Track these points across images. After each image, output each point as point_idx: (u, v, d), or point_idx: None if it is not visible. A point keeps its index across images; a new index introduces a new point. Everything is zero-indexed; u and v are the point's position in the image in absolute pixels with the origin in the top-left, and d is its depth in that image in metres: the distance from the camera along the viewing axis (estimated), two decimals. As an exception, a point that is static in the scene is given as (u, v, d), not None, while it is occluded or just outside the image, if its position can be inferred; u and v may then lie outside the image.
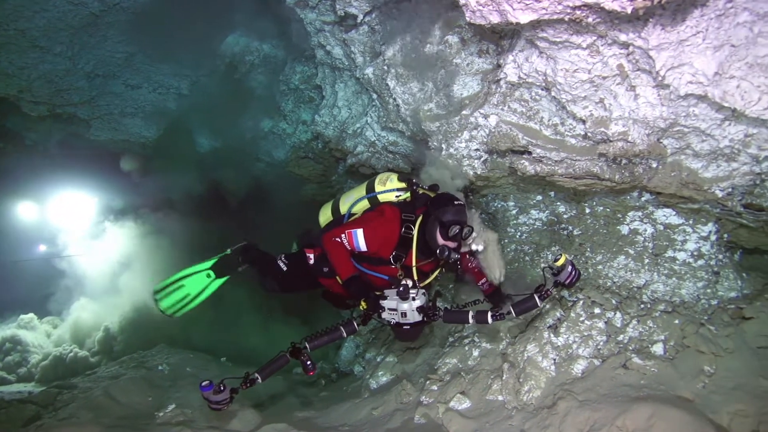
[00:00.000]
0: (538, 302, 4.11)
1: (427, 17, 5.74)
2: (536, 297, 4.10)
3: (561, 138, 4.99)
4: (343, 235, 4.67)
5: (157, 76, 12.40)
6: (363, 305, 4.48)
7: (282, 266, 5.50)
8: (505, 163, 5.60)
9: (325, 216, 5.53)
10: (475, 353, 5.74)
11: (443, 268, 5.11)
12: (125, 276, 14.34)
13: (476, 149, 5.72)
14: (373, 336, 8.91)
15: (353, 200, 5.26)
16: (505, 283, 5.42)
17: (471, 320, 4.24)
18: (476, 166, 5.84)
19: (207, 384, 3.99)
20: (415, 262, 4.74)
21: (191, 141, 13.77)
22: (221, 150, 13.65)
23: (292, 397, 7.48)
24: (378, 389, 6.60)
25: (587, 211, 5.82)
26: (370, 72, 6.71)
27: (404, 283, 4.48)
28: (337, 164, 10.43)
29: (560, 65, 4.26)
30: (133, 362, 8.69)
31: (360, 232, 4.63)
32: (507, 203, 6.67)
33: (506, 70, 4.85)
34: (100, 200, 15.89)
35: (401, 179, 5.11)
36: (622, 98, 4.25)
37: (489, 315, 4.15)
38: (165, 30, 10.53)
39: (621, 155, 4.54)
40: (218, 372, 8.66)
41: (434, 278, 5.04)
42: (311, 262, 5.33)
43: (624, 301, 5.14)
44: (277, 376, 8.43)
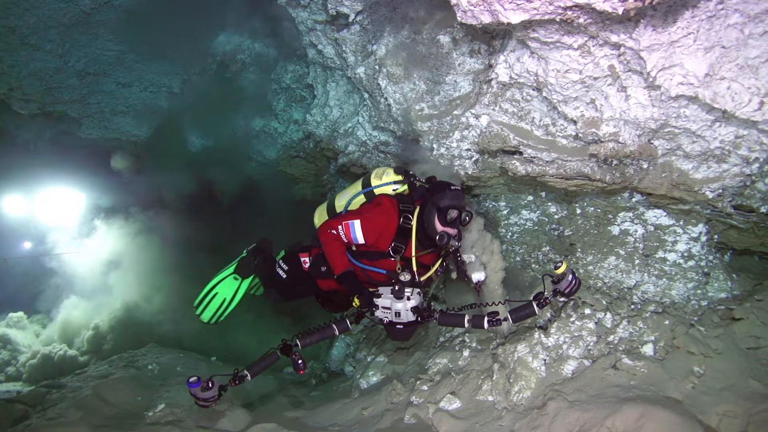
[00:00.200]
0: (537, 310, 4.05)
1: (419, 17, 5.74)
2: (534, 304, 4.04)
3: (552, 138, 4.99)
4: (340, 227, 4.57)
5: (149, 75, 12.34)
6: (356, 302, 4.41)
7: (281, 274, 5.34)
8: (497, 164, 5.60)
9: (321, 217, 5.43)
10: (466, 353, 5.73)
11: (444, 261, 4.96)
12: (115, 275, 14.29)
13: (467, 149, 5.72)
14: (364, 336, 8.90)
15: (349, 197, 5.16)
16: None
17: (467, 324, 4.18)
18: (467, 166, 5.84)
19: (195, 380, 3.89)
20: (415, 253, 4.61)
21: (182, 140, 13.70)
22: (212, 149, 13.59)
23: (282, 397, 7.46)
24: (368, 389, 6.59)
25: (578, 212, 5.82)
26: (362, 71, 6.70)
27: (401, 278, 4.47)
28: (329, 164, 10.41)
29: (551, 66, 4.26)
30: (123, 362, 8.62)
31: (357, 223, 4.53)
32: (498, 203, 6.68)
33: (498, 71, 4.85)
34: (91, 198, 15.81)
35: (398, 172, 5.00)
36: (614, 99, 4.25)
37: (486, 320, 4.10)
38: (156, 28, 10.50)
39: (612, 156, 4.54)
40: (208, 372, 8.61)
41: (435, 272, 4.87)
42: (306, 266, 5.24)
43: (614, 302, 5.14)
44: (268, 376, 8.42)
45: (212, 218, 14.90)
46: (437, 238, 4.43)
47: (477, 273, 5.23)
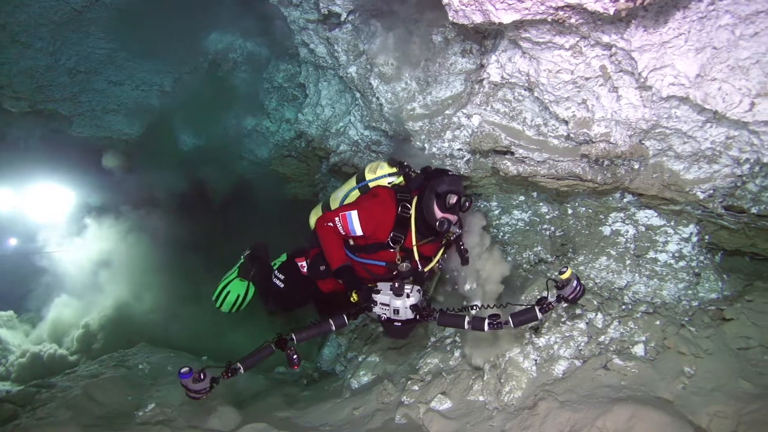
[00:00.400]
0: (539, 315, 3.91)
1: (411, 16, 5.73)
2: (537, 309, 3.90)
3: (543, 138, 4.99)
4: (337, 219, 4.50)
5: (140, 73, 12.31)
6: (354, 297, 4.31)
7: (279, 284, 5.27)
8: (488, 164, 5.60)
9: (316, 218, 5.22)
10: (457, 354, 5.72)
11: (445, 252, 4.89)
12: (106, 274, 14.22)
13: (459, 149, 5.71)
14: (355, 336, 8.88)
15: (344, 193, 5.08)
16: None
17: (467, 326, 4.06)
18: (459, 166, 5.83)
19: (186, 371, 3.79)
20: (415, 242, 4.56)
21: (174, 138, 13.65)
22: (204, 148, 13.54)
23: (273, 397, 7.43)
24: (359, 389, 6.58)
25: (569, 212, 5.83)
26: (354, 71, 6.69)
27: (402, 268, 4.44)
28: (321, 163, 10.38)
29: (543, 66, 4.26)
30: (113, 361, 8.58)
31: (354, 214, 4.46)
32: (490, 203, 6.67)
33: (489, 70, 4.84)
34: (82, 197, 15.74)
35: (392, 164, 4.92)
36: (605, 99, 4.25)
37: (486, 323, 3.98)
38: (148, 26, 10.48)
39: (603, 156, 4.54)
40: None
41: (437, 263, 4.82)
42: (304, 270, 5.19)
43: (605, 302, 5.14)
44: (258, 375, 8.40)
45: (203, 217, 14.86)
46: (437, 225, 4.35)
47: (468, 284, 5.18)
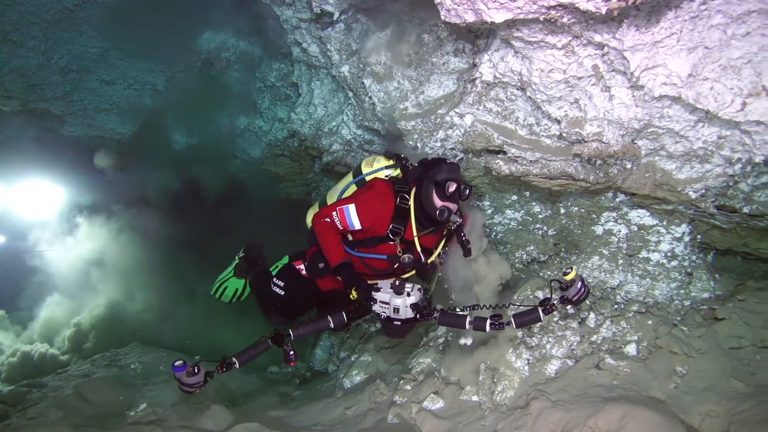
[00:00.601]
0: (542, 316, 3.88)
1: (403, 16, 5.72)
2: (540, 310, 3.88)
3: (536, 138, 4.98)
4: (334, 213, 4.43)
5: (133, 72, 12.27)
6: (353, 294, 4.21)
7: (278, 291, 5.14)
8: (481, 163, 5.59)
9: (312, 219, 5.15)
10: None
11: (447, 244, 4.83)
12: (98, 273, 14.16)
13: (451, 148, 5.71)
14: (348, 335, 8.87)
15: (341, 189, 5.03)
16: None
17: (468, 326, 4.02)
18: (452, 165, 5.82)
19: (180, 364, 3.69)
20: (416, 233, 4.51)
21: (167, 138, 13.62)
22: (197, 147, 13.51)
23: (266, 396, 7.41)
24: (352, 388, 6.56)
25: (562, 212, 5.82)
26: (346, 70, 6.68)
27: (403, 260, 4.41)
28: (313, 162, 10.37)
29: (535, 65, 4.25)
30: (105, 361, 8.55)
31: (352, 207, 4.39)
32: (482, 203, 6.66)
33: (482, 70, 4.83)
34: (74, 196, 15.65)
35: (388, 157, 4.90)
36: (597, 99, 4.25)
37: (488, 323, 3.95)
38: (140, 25, 10.46)
39: (595, 156, 4.54)
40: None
41: (438, 256, 4.76)
42: (304, 272, 5.10)
43: (598, 302, 5.15)
44: (251, 375, 8.38)
45: (196, 216, 14.80)
46: (437, 214, 4.31)
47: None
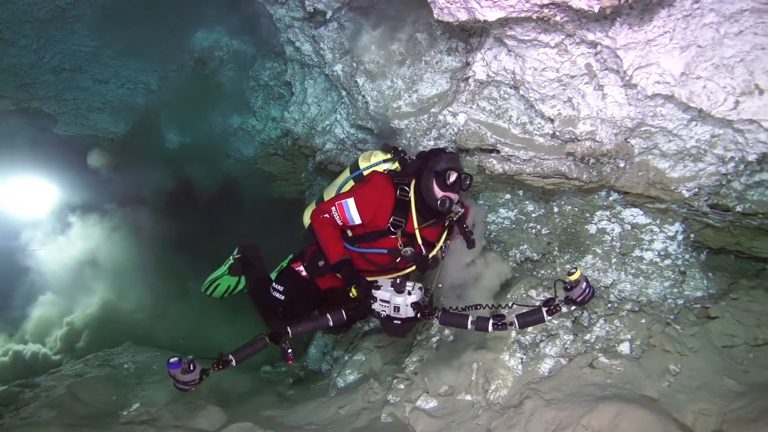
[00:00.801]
0: (546, 317, 3.80)
1: (397, 14, 5.71)
2: (544, 311, 3.80)
3: (529, 137, 4.98)
4: (333, 209, 4.36)
5: (125, 71, 12.24)
6: (353, 292, 4.18)
7: (279, 296, 5.03)
8: (474, 162, 5.58)
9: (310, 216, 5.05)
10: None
11: (449, 237, 4.75)
12: (91, 272, 14.12)
13: (445, 147, 5.69)
14: (342, 334, 8.86)
15: (338, 186, 4.96)
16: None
17: (470, 326, 3.94)
18: (445, 165, 5.81)
19: (175, 361, 3.64)
20: (417, 225, 4.42)
21: (160, 137, 13.60)
22: (190, 146, 13.50)
23: (259, 396, 7.39)
24: (345, 388, 6.54)
25: (555, 211, 5.82)
26: (339, 69, 6.67)
27: (405, 254, 4.36)
28: (307, 161, 10.33)
29: (528, 64, 4.25)
30: (98, 360, 8.51)
31: (351, 201, 4.31)
32: (476, 202, 6.66)
33: (475, 68, 4.83)
34: (67, 196, 15.57)
35: (386, 150, 4.81)
36: (590, 97, 4.25)
37: (490, 323, 3.87)
38: (133, 24, 10.43)
39: (589, 154, 4.54)
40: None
41: (440, 249, 4.66)
42: (304, 274, 5.01)
43: (591, 301, 5.13)
44: (245, 374, 8.35)
45: (190, 216, 14.76)
46: (438, 204, 4.25)
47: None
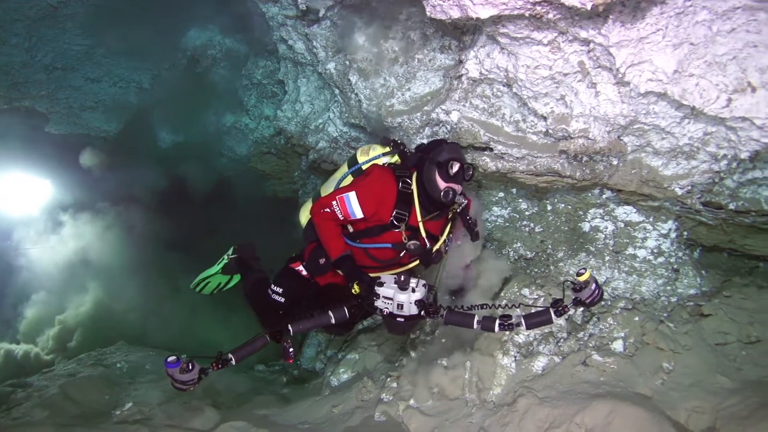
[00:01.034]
0: (554, 318, 3.74)
1: (389, 12, 5.69)
2: (552, 312, 3.72)
3: (522, 134, 4.98)
4: (334, 203, 4.27)
5: (118, 70, 12.20)
6: (355, 289, 4.11)
7: (278, 299, 4.85)
8: (467, 160, 5.58)
9: (307, 215, 5.03)
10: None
11: (452, 229, 4.69)
12: (84, 271, 14.07)
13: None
14: (344, 335, 8.85)
15: (336, 181, 4.88)
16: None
17: (476, 326, 3.88)
18: (438, 162, 5.81)
19: (173, 360, 3.53)
20: (421, 218, 4.34)
21: (153, 136, 13.56)
22: (183, 145, 13.46)
23: (253, 395, 7.37)
24: (339, 386, 6.54)
25: (549, 208, 5.82)
26: (332, 67, 6.65)
27: (409, 247, 4.31)
28: (300, 160, 10.30)
29: (521, 61, 4.25)
30: (91, 360, 8.47)
31: (353, 194, 4.22)
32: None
33: (468, 66, 4.82)
34: (60, 195, 15.53)
35: (385, 143, 4.76)
36: (583, 95, 4.25)
37: (497, 324, 3.80)
38: (125, 23, 10.39)
39: (582, 152, 4.54)
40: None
41: (444, 242, 4.58)
42: (304, 273, 4.92)
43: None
44: (239, 374, 8.34)
45: (183, 214, 14.72)
46: (441, 195, 4.18)
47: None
